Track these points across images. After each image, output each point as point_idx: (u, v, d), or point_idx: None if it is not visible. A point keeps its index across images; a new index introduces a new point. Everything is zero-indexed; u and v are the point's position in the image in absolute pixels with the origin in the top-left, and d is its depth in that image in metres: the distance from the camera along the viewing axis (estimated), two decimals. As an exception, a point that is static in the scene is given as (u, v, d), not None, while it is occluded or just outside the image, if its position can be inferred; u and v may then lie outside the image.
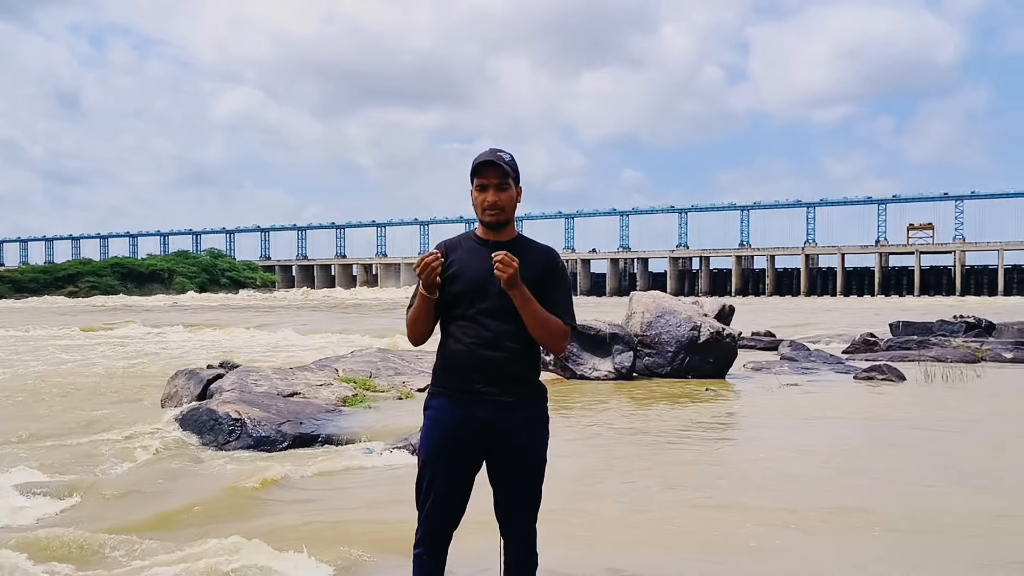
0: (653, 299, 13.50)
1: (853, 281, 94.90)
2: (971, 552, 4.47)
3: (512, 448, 2.84)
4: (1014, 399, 10.32)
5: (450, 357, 2.87)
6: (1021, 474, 6.38)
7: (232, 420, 7.70)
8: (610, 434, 8.07)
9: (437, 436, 2.86)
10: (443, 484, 2.85)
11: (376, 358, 11.27)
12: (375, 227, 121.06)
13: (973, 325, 20.37)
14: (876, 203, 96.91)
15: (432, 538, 2.89)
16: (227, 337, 25.11)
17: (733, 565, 4.25)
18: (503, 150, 2.87)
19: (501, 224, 2.86)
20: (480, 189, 2.84)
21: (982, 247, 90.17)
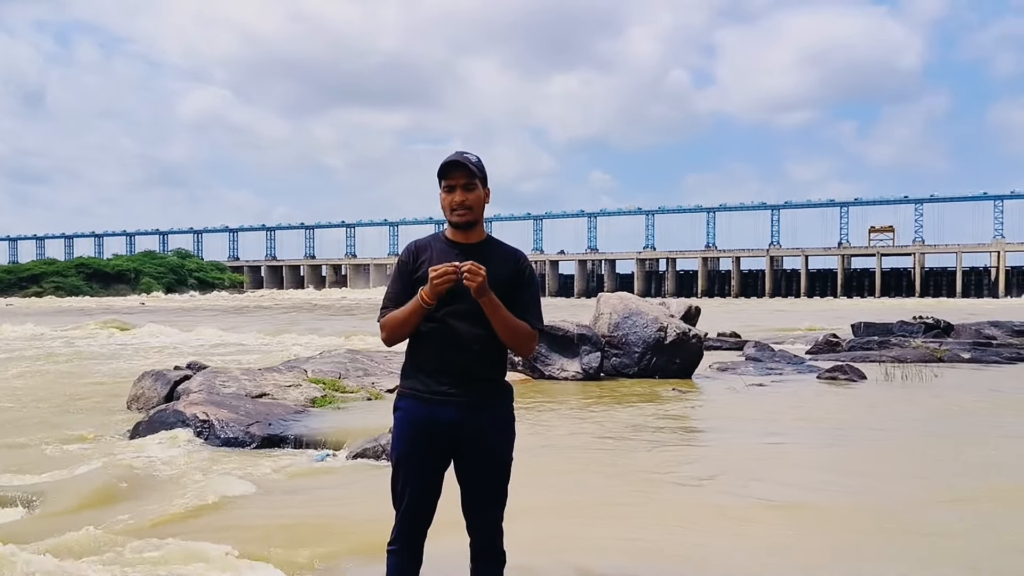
0: (620, 300, 13.64)
1: (816, 282, 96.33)
2: (922, 550, 4.61)
3: (479, 448, 2.87)
4: (969, 399, 10.59)
5: (419, 359, 2.91)
6: (974, 474, 6.57)
7: (200, 422, 7.67)
8: (576, 434, 8.14)
9: (407, 437, 2.89)
10: (416, 483, 2.88)
11: (345, 359, 11.26)
12: (344, 228, 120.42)
13: (932, 326, 20.82)
14: (838, 206, 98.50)
15: (407, 536, 2.92)
16: (195, 338, 24.84)
17: (702, 564, 4.31)
18: (470, 152, 2.91)
19: (470, 224, 2.89)
20: (448, 190, 2.87)
21: (941, 249, 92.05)
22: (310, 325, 31.60)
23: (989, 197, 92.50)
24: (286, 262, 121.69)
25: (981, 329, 20.45)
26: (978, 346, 17.06)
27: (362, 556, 4.38)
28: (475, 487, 2.92)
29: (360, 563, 4.30)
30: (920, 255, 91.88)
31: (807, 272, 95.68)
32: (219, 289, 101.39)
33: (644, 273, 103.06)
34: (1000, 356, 15.78)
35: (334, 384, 9.90)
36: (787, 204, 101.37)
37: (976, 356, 15.73)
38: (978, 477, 6.30)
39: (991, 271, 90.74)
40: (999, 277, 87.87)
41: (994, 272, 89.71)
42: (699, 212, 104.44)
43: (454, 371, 2.84)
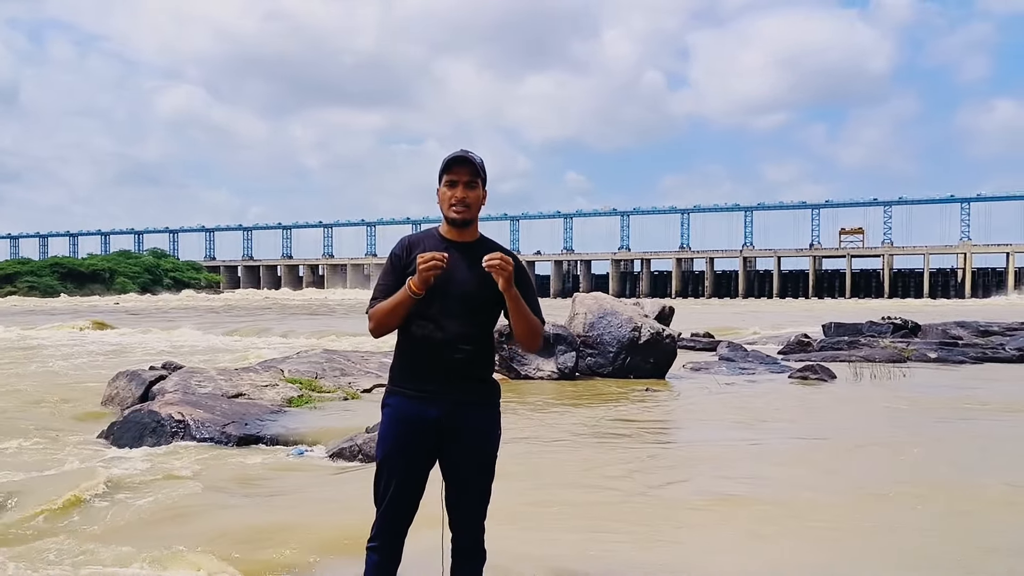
0: (595, 300, 13.76)
1: (788, 283, 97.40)
2: (889, 548, 4.73)
3: (465, 446, 2.88)
4: (935, 399, 10.82)
5: (408, 356, 2.90)
6: (936, 471, 6.73)
7: (175, 422, 7.66)
8: (551, 433, 8.20)
9: (394, 434, 2.89)
10: (401, 480, 2.89)
11: (322, 359, 11.26)
12: (322, 228, 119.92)
13: (900, 326, 21.16)
14: (810, 208, 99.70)
15: (388, 533, 2.92)
16: (170, 338, 24.64)
17: (678, 562, 4.36)
18: (473, 152, 2.92)
19: (467, 222, 2.91)
20: (450, 185, 2.87)
21: (909, 251, 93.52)
22: (287, 325, 31.42)
23: (956, 199, 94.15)
24: (263, 262, 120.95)
25: (947, 329, 20.83)
26: (944, 346, 17.38)
27: (337, 555, 4.39)
28: (460, 485, 2.92)
29: (336, 563, 4.31)
30: (889, 256, 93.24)
31: (780, 273, 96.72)
32: (195, 289, 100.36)
33: (619, 274, 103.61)
34: (966, 356, 16.10)
35: (311, 384, 9.90)
36: (760, 206, 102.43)
37: (943, 356, 16.03)
38: (943, 475, 6.45)
39: (958, 272, 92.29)
40: (966, 278, 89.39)
41: (961, 273, 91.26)
42: (673, 213, 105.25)
43: (444, 370, 2.84)
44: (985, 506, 5.46)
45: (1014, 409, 9.73)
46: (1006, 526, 5.01)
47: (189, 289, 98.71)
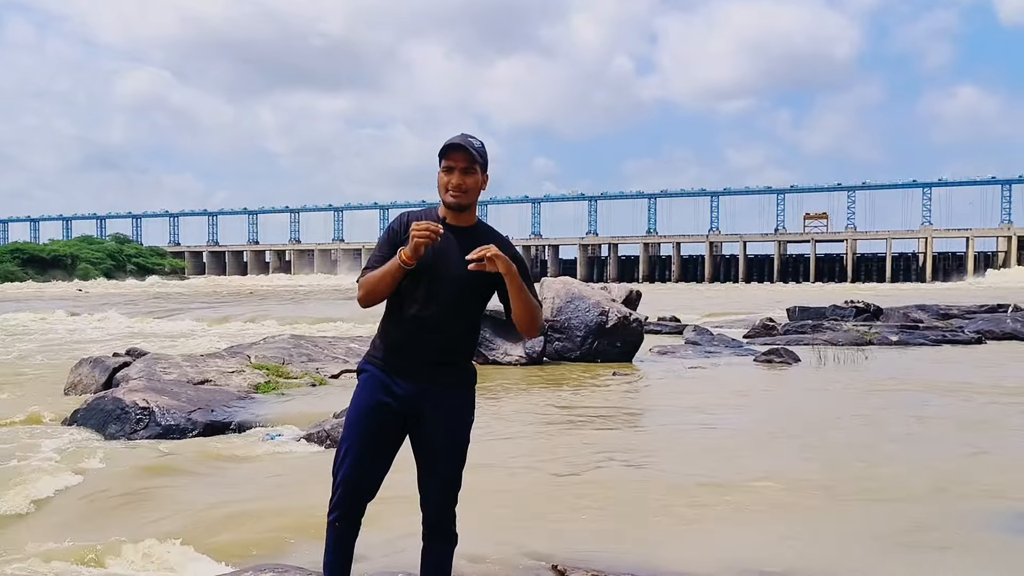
0: (563, 285, 13.82)
1: (754, 268, 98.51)
2: (848, 524, 4.85)
3: (436, 428, 2.87)
4: (896, 380, 11.05)
5: (391, 333, 2.89)
6: (896, 450, 6.90)
7: (140, 409, 7.57)
8: (520, 418, 8.25)
9: (366, 398, 2.88)
10: (366, 447, 2.85)
11: (289, 344, 11.18)
12: (288, 213, 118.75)
13: (862, 310, 21.53)
14: (775, 193, 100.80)
15: (346, 503, 2.89)
16: (134, 324, 24.32)
17: (648, 546, 4.40)
18: (473, 136, 2.90)
19: (463, 207, 2.89)
20: (447, 171, 2.85)
21: (872, 236, 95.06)
22: (254, 311, 31.15)
23: (918, 185, 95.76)
24: (229, 248, 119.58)
25: (908, 313, 21.26)
26: (905, 329, 17.73)
27: (305, 539, 4.39)
28: (430, 467, 2.91)
29: (304, 547, 4.31)
30: (852, 241, 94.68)
31: (745, 258, 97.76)
32: (159, 275, 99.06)
33: (587, 258, 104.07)
34: (926, 338, 16.44)
35: (278, 370, 9.85)
36: (726, 191, 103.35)
37: (903, 339, 16.36)
38: (902, 456, 6.61)
39: (919, 257, 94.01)
40: (927, 262, 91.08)
41: (922, 258, 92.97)
42: (640, 198, 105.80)
43: (424, 351, 2.83)
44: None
45: (968, 392, 9.97)
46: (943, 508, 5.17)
47: (153, 275, 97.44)
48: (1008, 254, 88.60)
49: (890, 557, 4.20)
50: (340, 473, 2.90)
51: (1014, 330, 17.56)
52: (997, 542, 4.39)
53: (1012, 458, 6.37)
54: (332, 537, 2.94)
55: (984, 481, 5.66)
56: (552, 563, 3.99)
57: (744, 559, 4.11)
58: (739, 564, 4.03)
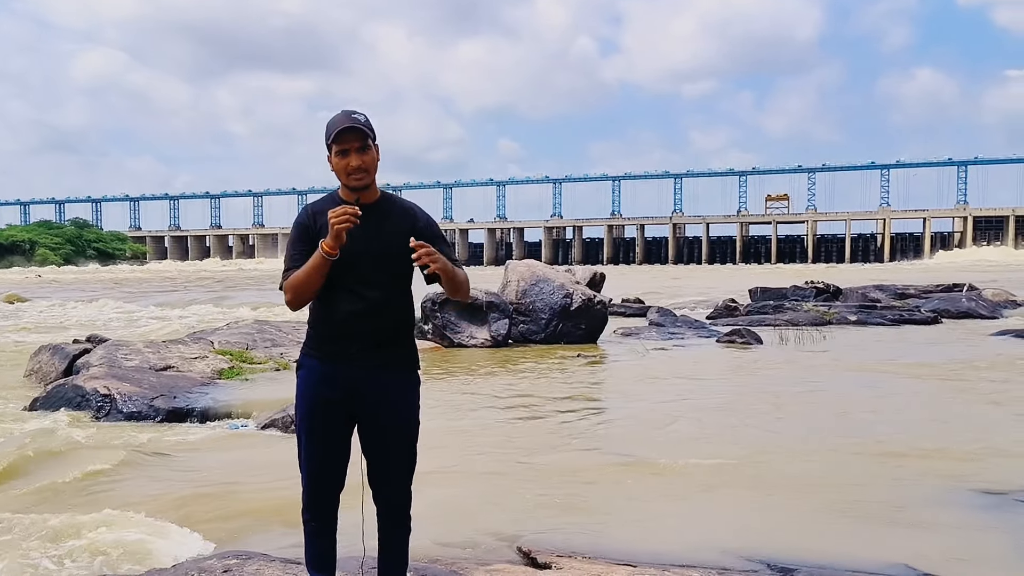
0: (528, 268, 13.86)
1: (717, 250, 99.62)
2: (794, 500, 4.97)
3: (384, 412, 2.83)
4: (854, 360, 11.29)
5: (323, 323, 2.84)
6: (854, 427, 7.06)
7: (101, 396, 7.49)
8: (485, 400, 8.30)
9: (309, 397, 2.84)
10: (320, 447, 2.84)
11: (253, 330, 11.10)
12: (251, 197, 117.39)
13: (822, 290, 21.90)
14: (737, 175, 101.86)
15: (317, 502, 2.89)
16: (95, 310, 23.90)
17: (614, 527, 4.45)
18: (357, 111, 2.81)
19: (368, 187, 2.82)
20: (341, 155, 2.77)
21: (831, 217, 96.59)
22: (217, 296, 30.76)
23: (876, 166, 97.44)
24: (191, 232, 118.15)
25: (867, 293, 21.67)
26: (864, 308, 18.08)
27: (272, 524, 4.39)
28: (380, 454, 2.86)
29: (271, 532, 4.31)
30: (813, 222, 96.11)
31: (708, 239, 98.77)
32: (120, 260, 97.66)
33: (551, 241, 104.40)
34: (883, 318, 16.79)
35: (241, 355, 9.77)
36: (689, 173, 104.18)
37: (862, 318, 16.69)
38: (861, 435, 6.77)
39: (877, 237, 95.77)
40: (885, 243, 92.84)
41: (880, 238, 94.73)
42: (605, 180, 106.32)
43: (360, 337, 2.78)
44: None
45: (923, 370, 10.24)
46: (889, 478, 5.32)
47: (114, 260, 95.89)
48: (964, 234, 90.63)
49: (850, 531, 4.32)
50: (303, 474, 2.89)
51: (969, 308, 18.00)
52: (953, 517, 4.50)
53: (965, 435, 6.55)
54: (309, 533, 2.94)
55: (938, 458, 5.82)
56: (518, 545, 4.01)
57: (710, 538, 4.18)
58: (705, 543, 4.10)
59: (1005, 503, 4.69)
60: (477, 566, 3.71)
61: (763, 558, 3.87)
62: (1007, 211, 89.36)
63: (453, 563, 3.72)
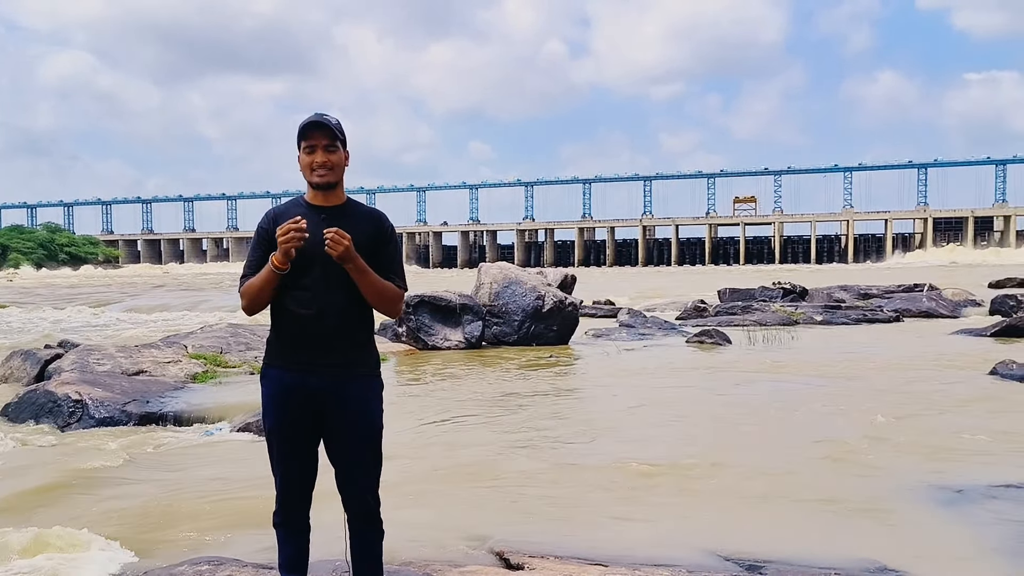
0: (500, 270, 13.97)
1: (686, 251, 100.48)
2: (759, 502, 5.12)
3: (346, 414, 2.83)
4: (820, 360, 11.52)
5: (283, 328, 2.84)
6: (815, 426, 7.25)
7: (73, 401, 7.45)
8: (459, 401, 8.37)
9: (275, 407, 2.85)
10: (289, 455, 2.86)
11: (227, 333, 11.06)
12: (225, 200, 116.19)
13: (789, 291, 22.26)
14: (706, 177, 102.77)
15: (289, 508, 2.92)
16: (66, 316, 23.57)
17: (585, 527, 4.49)
18: (329, 115, 2.84)
19: (331, 186, 2.82)
20: (308, 151, 2.80)
21: (797, 219, 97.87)
22: (190, 300, 30.40)
23: (840, 169, 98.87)
24: (164, 236, 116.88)
25: (832, 293, 22.09)
26: (829, 309, 18.44)
27: (245, 529, 4.39)
28: (345, 457, 2.86)
29: (243, 536, 4.30)
30: (779, 224, 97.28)
31: (678, 241, 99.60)
32: (93, 264, 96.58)
33: (524, 243, 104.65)
34: (848, 318, 17.14)
35: (215, 359, 9.76)
36: (658, 175, 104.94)
37: (827, 318, 17.02)
38: (825, 433, 6.94)
39: (841, 239, 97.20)
40: (849, 244, 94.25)
41: (844, 240, 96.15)
42: (575, 183, 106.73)
43: (319, 339, 2.78)
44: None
45: (889, 368, 10.49)
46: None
47: (87, 265, 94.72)
48: (924, 235, 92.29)
49: (816, 527, 4.47)
50: (275, 480, 2.92)
51: (930, 308, 18.43)
52: (914, 513, 4.64)
53: (926, 432, 6.74)
54: (280, 537, 2.97)
55: (901, 455, 6.00)
56: (490, 546, 4.05)
57: (679, 537, 4.25)
58: (674, 542, 4.17)
59: (962, 499, 4.83)
60: (450, 568, 3.74)
61: (732, 555, 3.95)
62: (966, 212, 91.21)
63: (426, 565, 3.75)
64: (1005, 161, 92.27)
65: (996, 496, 4.85)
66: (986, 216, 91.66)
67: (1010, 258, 74.52)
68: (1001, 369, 9.31)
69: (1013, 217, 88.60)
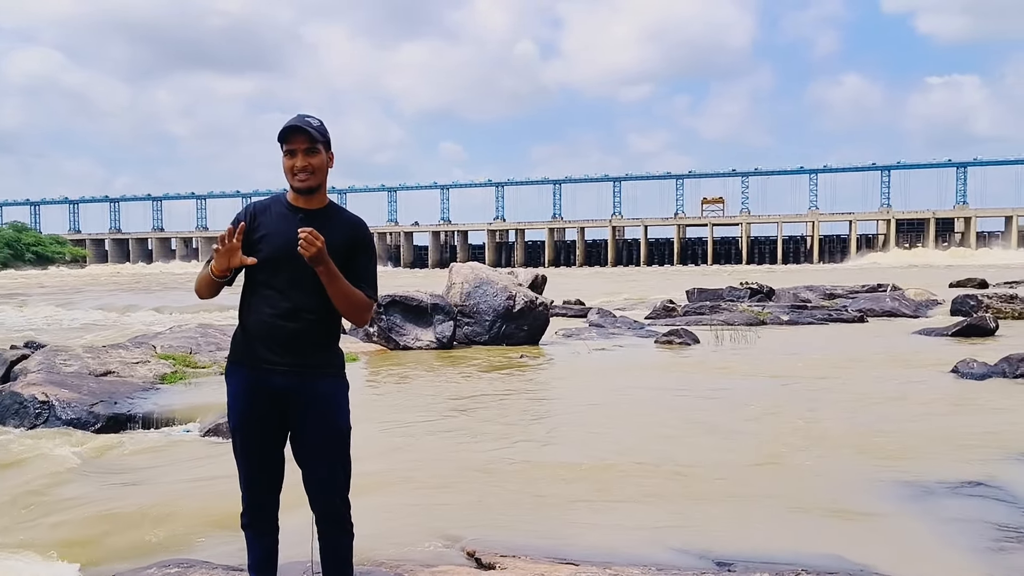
0: (472, 270, 14.00)
1: (655, 252, 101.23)
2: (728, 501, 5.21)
3: (312, 415, 2.81)
4: (784, 360, 11.71)
5: (250, 328, 2.84)
6: (781, 423, 7.37)
7: (39, 403, 7.35)
8: (430, 402, 8.39)
9: (239, 404, 2.84)
10: (254, 454, 2.85)
11: (196, 334, 10.96)
12: (195, 199, 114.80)
13: (756, 291, 22.54)
14: (674, 178, 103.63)
15: (256, 508, 2.92)
16: (32, 316, 23.15)
17: (555, 525, 4.53)
18: (311, 116, 2.82)
19: (312, 190, 2.81)
20: (289, 155, 2.78)
21: (764, 219, 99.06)
22: (160, 300, 29.99)
23: (805, 171, 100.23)
24: (133, 235, 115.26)
25: (798, 293, 22.41)
26: (795, 308, 18.72)
27: (215, 531, 4.37)
28: (312, 459, 2.84)
29: (212, 540, 4.28)
30: (747, 225, 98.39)
31: (647, 241, 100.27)
32: (60, 264, 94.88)
33: (495, 244, 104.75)
34: (814, 317, 17.42)
35: (185, 360, 9.68)
36: (628, 176, 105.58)
37: (793, 318, 17.28)
38: (790, 429, 7.06)
39: (807, 239, 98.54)
40: (814, 245, 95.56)
41: (810, 240, 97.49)
42: (546, 184, 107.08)
43: (285, 340, 2.77)
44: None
45: (852, 366, 10.69)
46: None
47: (53, 264, 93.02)
48: (887, 236, 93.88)
49: (783, 523, 4.55)
50: (240, 479, 2.91)
51: (893, 308, 18.79)
52: (879, 509, 4.73)
53: (889, 430, 6.87)
54: (249, 540, 2.97)
55: (866, 451, 6.13)
56: (462, 546, 4.07)
57: (649, 535, 4.30)
58: (645, 540, 4.22)
59: (925, 496, 4.94)
60: (422, 568, 3.75)
61: (700, 553, 4.01)
62: (928, 214, 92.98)
63: (398, 566, 3.76)
64: (966, 164, 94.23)
65: (959, 493, 4.97)
66: (947, 217, 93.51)
67: (970, 259, 76.23)
68: (962, 368, 9.54)
69: (973, 219, 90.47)
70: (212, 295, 2.84)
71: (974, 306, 16.88)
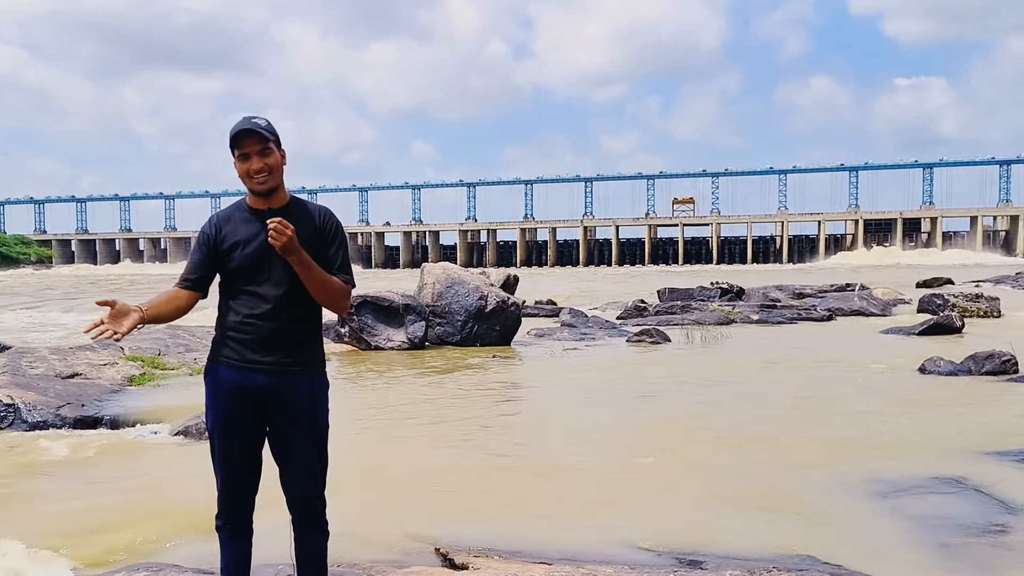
0: (443, 270, 13.98)
1: (627, 252, 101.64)
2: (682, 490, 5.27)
3: (292, 413, 2.81)
4: (752, 359, 11.83)
5: (229, 326, 2.83)
6: (750, 422, 7.46)
7: (4, 406, 7.23)
8: (402, 402, 8.38)
9: (218, 404, 2.84)
10: (232, 455, 2.84)
11: (166, 335, 10.83)
12: (163, 199, 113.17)
13: (727, 291, 22.73)
14: (646, 179, 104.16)
15: (231, 509, 2.90)
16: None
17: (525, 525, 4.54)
18: (258, 116, 2.80)
19: (272, 190, 2.80)
20: (243, 159, 2.76)
21: (734, 220, 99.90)
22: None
23: (775, 171, 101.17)
24: (99, 236, 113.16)
25: (768, 293, 22.62)
26: (765, 308, 18.90)
27: (186, 533, 4.34)
28: (291, 456, 2.84)
29: (184, 542, 4.25)
30: (717, 225, 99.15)
31: (618, 241, 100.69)
32: (24, 265, 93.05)
33: (466, 244, 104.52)
34: (783, 317, 17.62)
35: (153, 361, 9.56)
36: (599, 176, 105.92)
37: (763, 317, 17.46)
38: (758, 429, 7.15)
39: (777, 240, 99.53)
40: (783, 245, 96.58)
41: (779, 240, 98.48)
42: (518, 184, 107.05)
43: (263, 338, 2.77)
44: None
45: (820, 364, 10.84)
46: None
47: (18, 265, 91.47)
48: (855, 236, 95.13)
49: (753, 521, 4.60)
50: (217, 480, 2.89)
51: (861, 307, 19.03)
52: (847, 506, 4.81)
53: (857, 428, 6.99)
54: (223, 541, 2.95)
55: (832, 450, 6.22)
56: (435, 546, 4.07)
57: (620, 534, 4.32)
58: (615, 539, 4.24)
59: (893, 492, 5.00)
60: (395, 568, 3.75)
61: (671, 551, 4.03)
62: (895, 214, 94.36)
63: (371, 566, 3.76)
64: (932, 165, 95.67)
65: (927, 490, 5.04)
66: (914, 218, 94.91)
67: (937, 259, 77.44)
68: (929, 366, 9.70)
69: (939, 219, 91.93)
70: (184, 313, 2.87)
71: (941, 305, 17.16)
